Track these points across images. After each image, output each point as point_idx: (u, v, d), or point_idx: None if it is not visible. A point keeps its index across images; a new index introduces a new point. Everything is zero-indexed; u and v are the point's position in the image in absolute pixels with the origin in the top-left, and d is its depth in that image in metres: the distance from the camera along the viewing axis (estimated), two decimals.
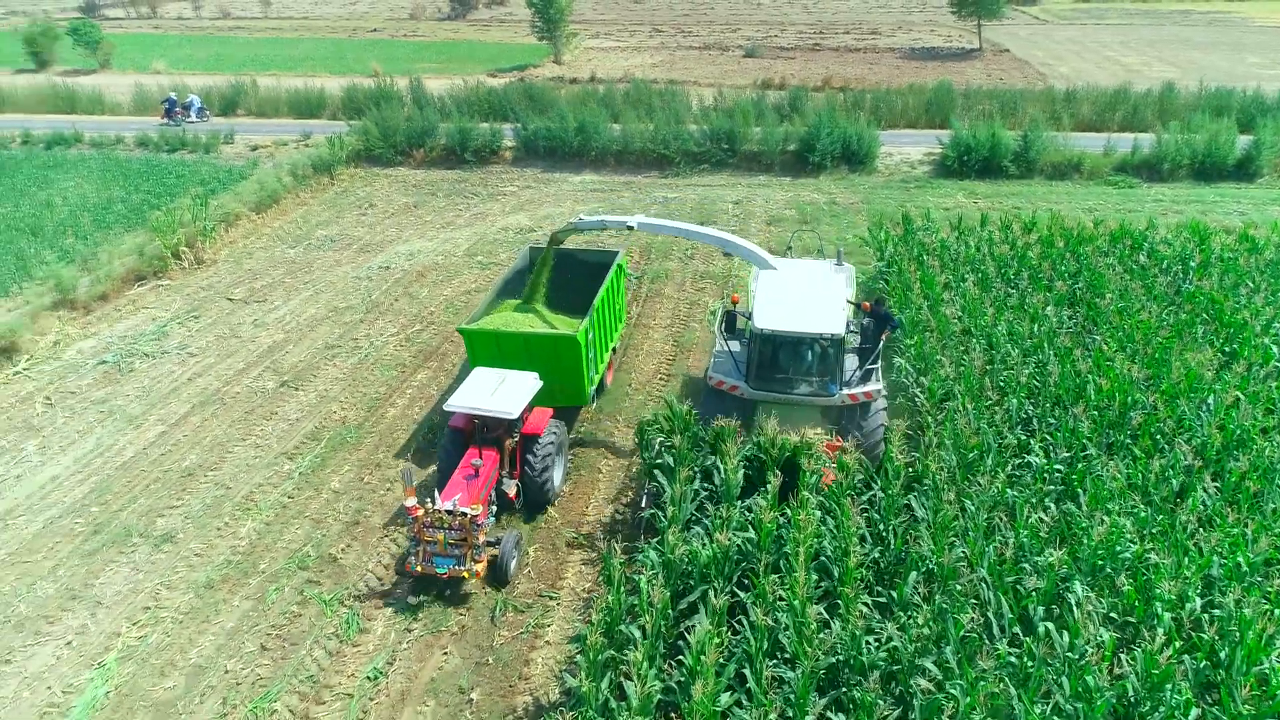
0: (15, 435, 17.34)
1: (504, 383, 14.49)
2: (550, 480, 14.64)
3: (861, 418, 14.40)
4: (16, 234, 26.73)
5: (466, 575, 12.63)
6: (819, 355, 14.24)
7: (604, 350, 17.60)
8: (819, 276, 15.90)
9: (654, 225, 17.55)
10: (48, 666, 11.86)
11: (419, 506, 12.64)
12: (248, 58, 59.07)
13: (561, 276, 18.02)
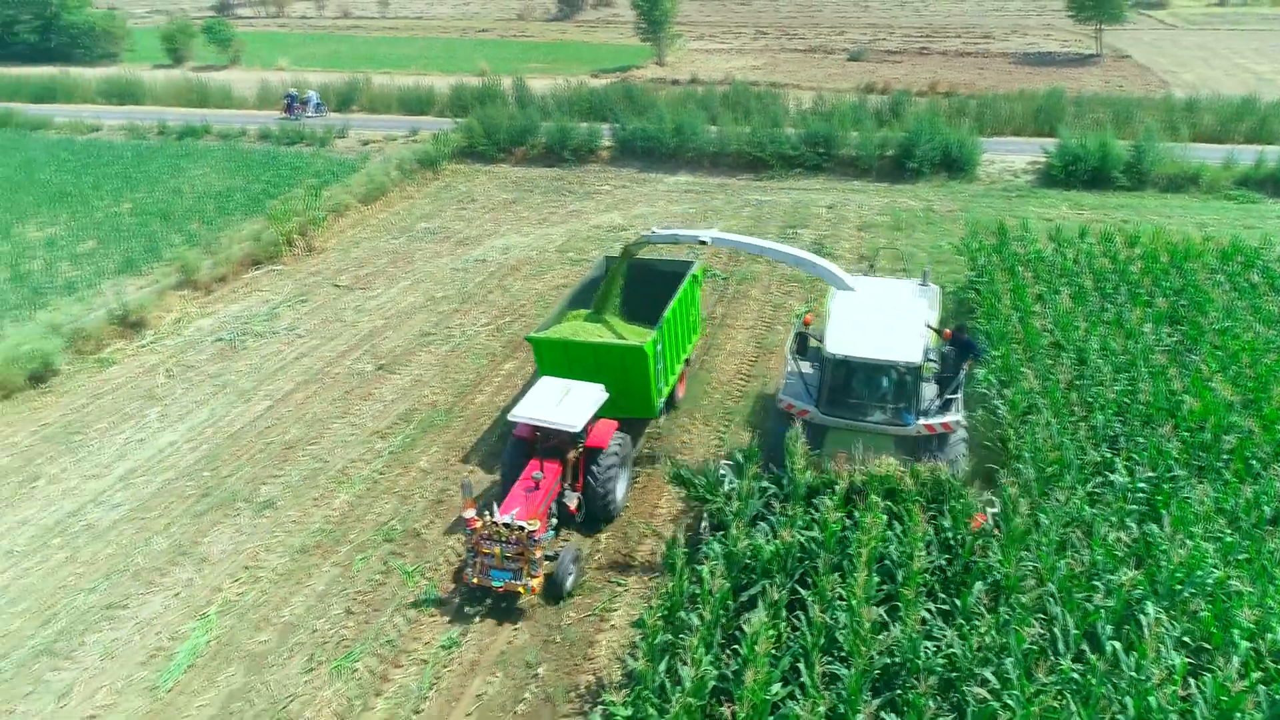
0: (139, 403, 18.83)
1: (569, 394, 14.29)
2: (613, 494, 14.37)
3: (938, 448, 13.77)
4: (149, 218, 28.82)
5: (522, 590, 12.52)
6: (894, 383, 13.63)
7: (675, 362, 17.21)
8: (899, 299, 15.14)
9: (728, 240, 16.61)
10: (157, 614, 12.94)
11: (477, 519, 12.54)
12: (364, 55, 61.66)
13: (636, 286, 17.84)
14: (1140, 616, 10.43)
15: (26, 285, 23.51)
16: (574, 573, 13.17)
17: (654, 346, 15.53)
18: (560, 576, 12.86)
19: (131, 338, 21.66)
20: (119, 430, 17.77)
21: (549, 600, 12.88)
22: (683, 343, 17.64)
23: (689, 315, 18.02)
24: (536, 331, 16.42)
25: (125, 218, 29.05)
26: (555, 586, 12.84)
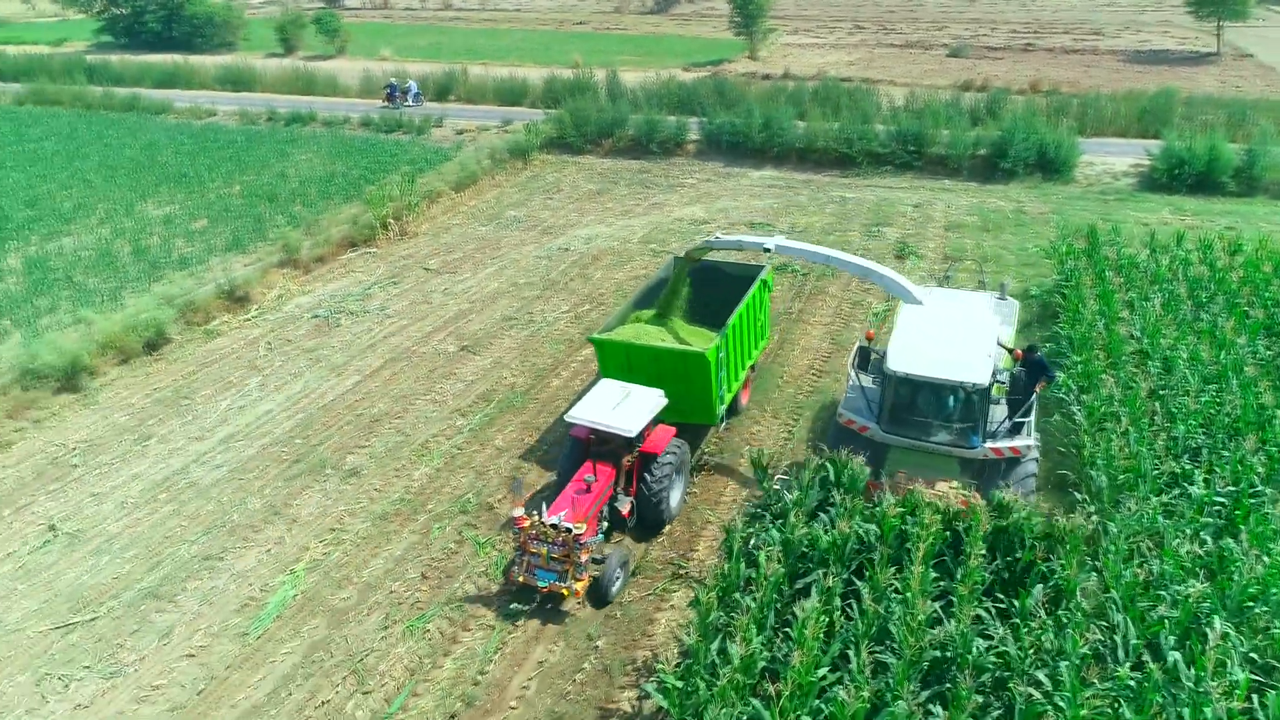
0: (242, 372, 20.07)
1: (627, 398, 14.12)
2: (666, 501, 14.14)
3: (1006, 474, 13.18)
4: (257, 199, 30.46)
5: (566, 592, 12.45)
6: (959, 404, 13.03)
7: (739, 369, 16.83)
8: (970, 314, 14.48)
9: (793, 249, 16.12)
10: (250, 568, 13.91)
11: (526, 518, 12.58)
12: (463, 47, 63.28)
13: (704, 289, 17.62)
14: (1206, 630, 10.25)
15: (145, 259, 25.22)
16: (621, 578, 13.08)
17: (717, 353, 15.19)
18: (606, 581, 12.79)
19: (237, 311, 23.04)
20: (222, 397, 19.02)
21: (594, 604, 12.82)
22: (748, 349, 17.25)
23: (756, 321, 17.57)
24: (600, 332, 16.31)
25: (235, 199, 30.77)
26: (601, 591, 12.79)
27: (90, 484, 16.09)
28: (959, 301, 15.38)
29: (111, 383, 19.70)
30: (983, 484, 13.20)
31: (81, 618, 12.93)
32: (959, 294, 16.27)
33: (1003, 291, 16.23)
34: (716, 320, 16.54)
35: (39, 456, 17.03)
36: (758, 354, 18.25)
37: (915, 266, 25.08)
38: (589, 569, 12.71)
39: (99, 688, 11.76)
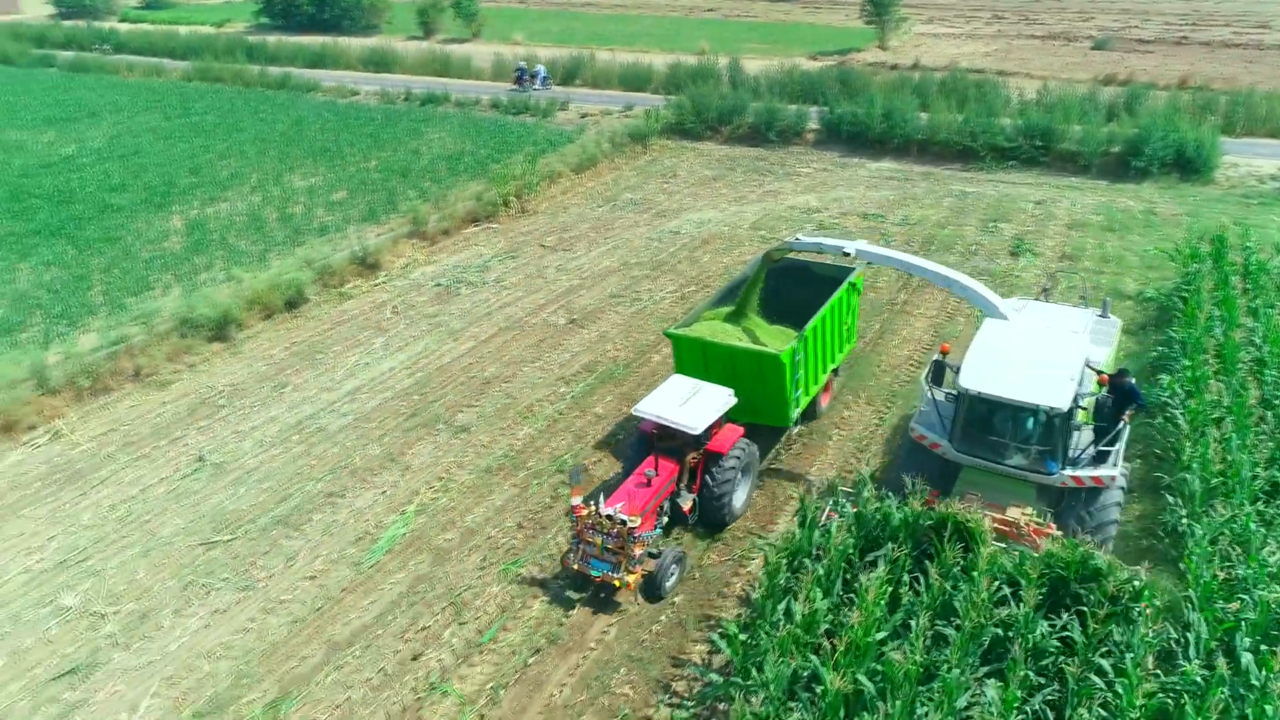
0: (369, 332, 21.72)
1: (696, 394, 14.01)
2: (728, 502, 14.05)
3: (1087, 504, 12.38)
4: (391, 174, 32.43)
5: (617, 583, 12.49)
6: (1038, 427, 12.36)
7: (819, 372, 16.44)
8: (1057, 333, 13.58)
9: (875, 254, 15.64)
10: (367, 506, 15.30)
11: (583, 506, 12.71)
12: (592, 32, 64.61)
13: (792, 288, 17.32)
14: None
15: (290, 226, 27.39)
16: (675, 574, 13.10)
17: (793, 355, 14.88)
18: (660, 576, 12.80)
19: (367, 277, 24.81)
20: (351, 353, 20.68)
21: (647, 599, 12.91)
22: (830, 352, 16.81)
23: (842, 324, 17.09)
24: (677, 326, 16.18)
25: (371, 173, 32.84)
26: (655, 585, 12.83)
27: (234, 423, 17.93)
28: (1051, 318, 14.57)
29: (255, 335, 21.70)
30: (1060, 513, 12.56)
31: (222, 537, 14.59)
32: (1054, 309, 15.37)
33: (1104, 309, 15.50)
34: (801, 320, 16.03)
35: (192, 396, 19.04)
36: (841, 358, 17.77)
37: (1030, 265, 24.62)
38: (642, 563, 12.72)
39: (234, 597, 13.32)
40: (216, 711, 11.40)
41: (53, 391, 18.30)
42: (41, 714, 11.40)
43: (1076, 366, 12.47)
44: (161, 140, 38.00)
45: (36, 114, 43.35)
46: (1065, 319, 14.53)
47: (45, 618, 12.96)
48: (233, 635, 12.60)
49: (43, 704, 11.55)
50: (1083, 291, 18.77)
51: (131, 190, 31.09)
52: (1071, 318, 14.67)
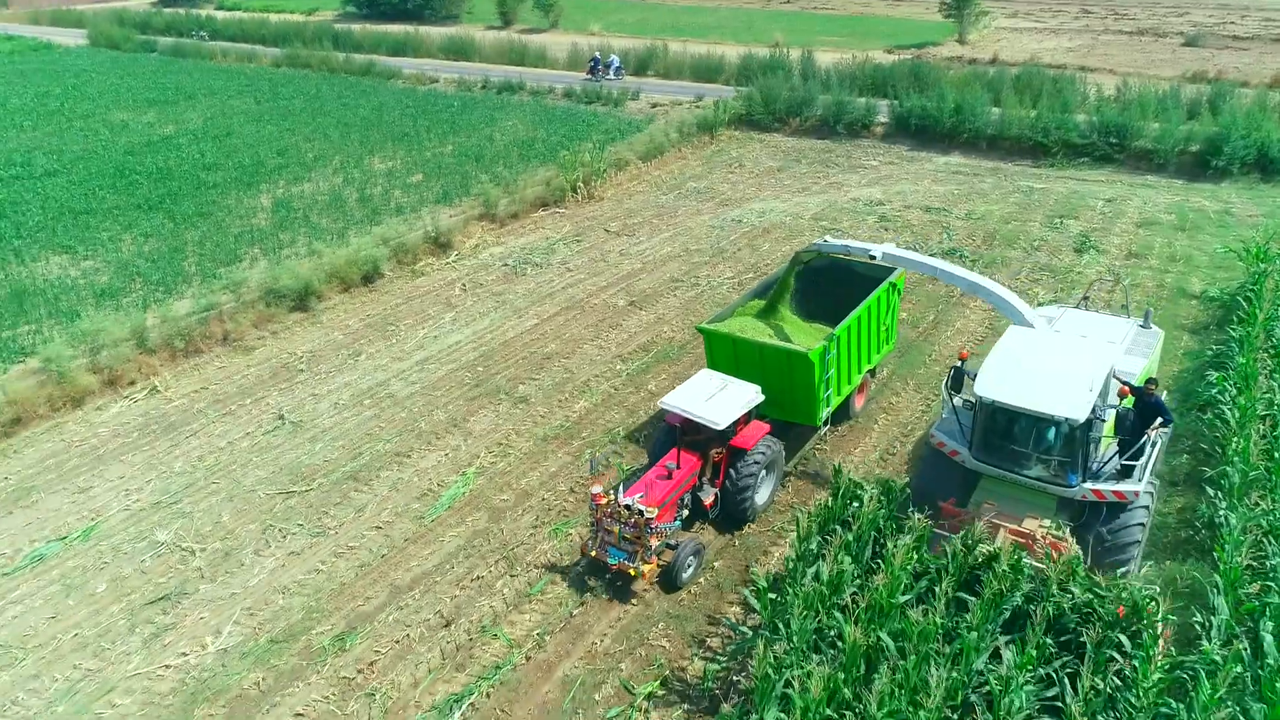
0: (439, 308, 22.85)
1: (723, 390, 14.09)
2: (750, 498, 14.13)
3: (1107, 522, 12.09)
4: (465, 159, 33.63)
5: (633, 572, 12.69)
6: (1057, 438, 12.11)
7: (853, 372, 16.42)
8: (1084, 343, 13.17)
9: (901, 258, 15.67)
10: (431, 466, 16.34)
11: (603, 495, 12.95)
12: (668, 24, 65.16)
13: (832, 287, 17.15)
14: None
15: (368, 206, 28.76)
16: (693, 566, 13.25)
17: (823, 354, 14.88)
18: (677, 567, 12.96)
19: (439, 255, 25.99)
20: (420, 327, 21.81)
21: (665, 589, 13.13)
22: (866, 352, 16.73)
23: (878, 325, 16.94)
24: (709, 321, 16.29)
25: (447, 158, 34.10)
26: (672, 576, 13.04)
27: (311, 386, 19.20)
28: (1087, 327, 14.23)
29: (333, 307, 23.02)
30: (1081, 527, 12.33)
31: (298, 488, 15.78)
32: (1092, 318, 14.91)
33: (1146, 319, 15.14)
34: (838, 319, 15.84)
35: (274, 360, 20.40)
36: (878, 359, 17.68)
37: (1093, 262, 24.48)
38: (659, 554, 12.97)
39: (307, 542, 14.46)
40: (289, 640, 12.52)
41: (150, 351, 19.83)
42: (137, 634, 12.68)
43: (1098, 377, 12.02)
44: (252, 123, 39.97)
45: (139, 96, 45.93)
46: (1102, 328, 14.23)
47: (141, 550, 14.30)
48: (305, 575, 13.73)
49: (138, 624, 12.83)
50: (1125, 301, 18.27)
51: (224, 169, 32.93)
52: (1110, 327, 14.36)
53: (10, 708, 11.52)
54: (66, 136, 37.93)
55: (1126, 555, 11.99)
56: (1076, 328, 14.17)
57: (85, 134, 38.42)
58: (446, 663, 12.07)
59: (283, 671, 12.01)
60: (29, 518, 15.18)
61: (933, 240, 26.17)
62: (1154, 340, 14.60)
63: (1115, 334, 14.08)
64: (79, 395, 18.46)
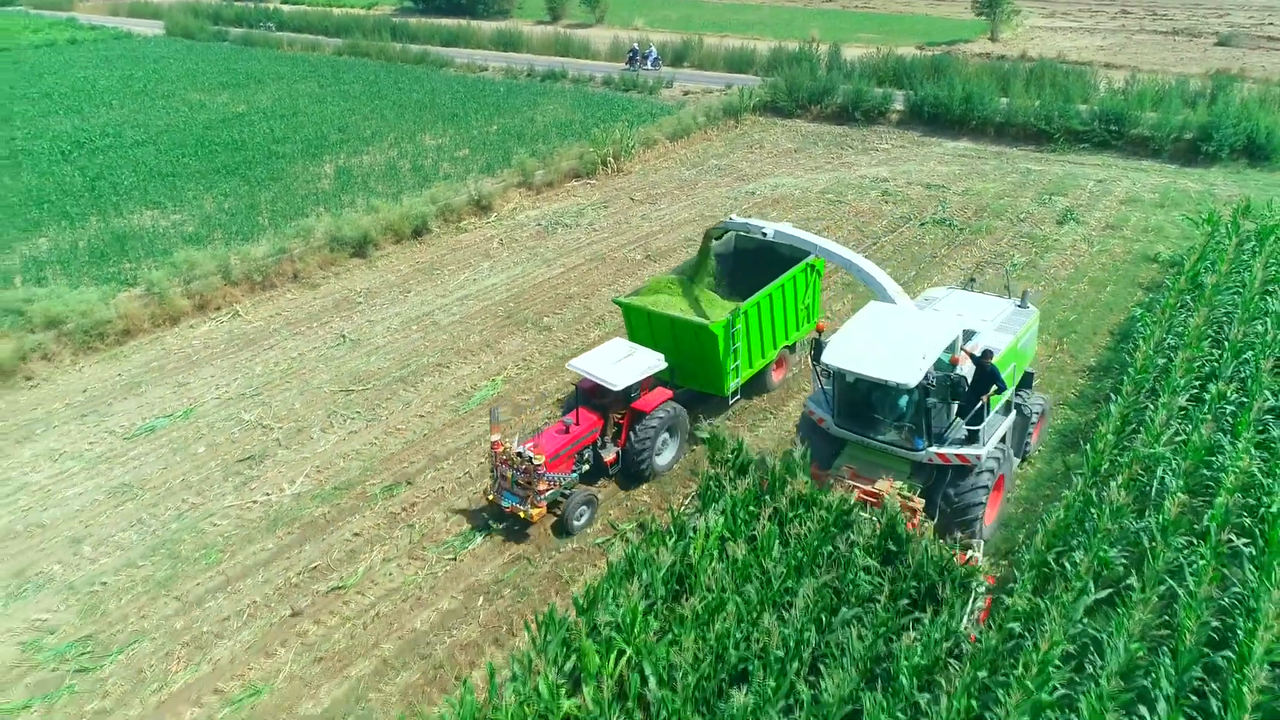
0: (478, 257, 26.03)
1: (629, 356, 15.06)
2: (649, 458, 15.17)
3: (953, 483, 12.85)
4: (509, 137, 36.82)
5: (523, 515, 13.85)
6: (896, 404, 12.92)
7: (766, 348, 17.39)
8: (934, 317, 14.05)
9: (790, 235, 16.42)
10: (465, 374, 19.45)
11: (501, 443, 14.11)
12: (709, 20, 67.80)
13: (758, 268, 17.90)
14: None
15: (419, 174, 32.08)
16: (586, 515, 14.44)
17: (726, 327, 15.75)
18: (568, 515, 14.15)
19: (480, 216, 29.21)
20: (462, 272, 25.01)
21: (556, 534, 14.39)
22: (782, 329, 17.62)
23: (795, 304, 17.77)
24: (628, 296, 17.21)
25: (491, 136, 37.33)
26: (563, 522, 14.25)
27: (368, 314, 22.48)
28: (962, 305, 15.20)
29: (387, 255, 26.34)
30: (931, 489, 13.10)
31: (356, 387, 19.00)
32: (973, 298, 15.90)
33: (1024, 300, 15.79)
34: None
35: (336, 295, 23.74)
36: (797, 336, 18.40)
37: (1072, 231, 26.78)
38: (550, 499, 14.12)
39: (363, 425, 17.66)
40: (348, 488, 15.70)
41: (233, 283, 23.29)
42: (229, 481, 15.97)
43: (935, 347, 12.63)
44: (316, 103, 43.70)
45: (213, 80, 50.03)
46: (979, 307, 15.25)
47: (231, 426, 17.64)
48: (361, 446, 16.92)
49: (230, 475, 16.13)
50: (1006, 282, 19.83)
51: (291, 142, 36.56)
52: (986, 306, 15.37)
53: (138, 525, 14.86)
54: (150, 113, 42.00)
55: (970, 516, 12.75)
56: (954, 306, 15.22)
57: (167, 111, 42.48)
58: (471, 506, 15.12)
59: (343, 508, 15.20)
60: (140, 402, 18.64)
61: (927, 211, 28.68)
62: (1026, 319, 15.18)
63: (989, 312, 15.06)
64: (175, 315, 22.00)
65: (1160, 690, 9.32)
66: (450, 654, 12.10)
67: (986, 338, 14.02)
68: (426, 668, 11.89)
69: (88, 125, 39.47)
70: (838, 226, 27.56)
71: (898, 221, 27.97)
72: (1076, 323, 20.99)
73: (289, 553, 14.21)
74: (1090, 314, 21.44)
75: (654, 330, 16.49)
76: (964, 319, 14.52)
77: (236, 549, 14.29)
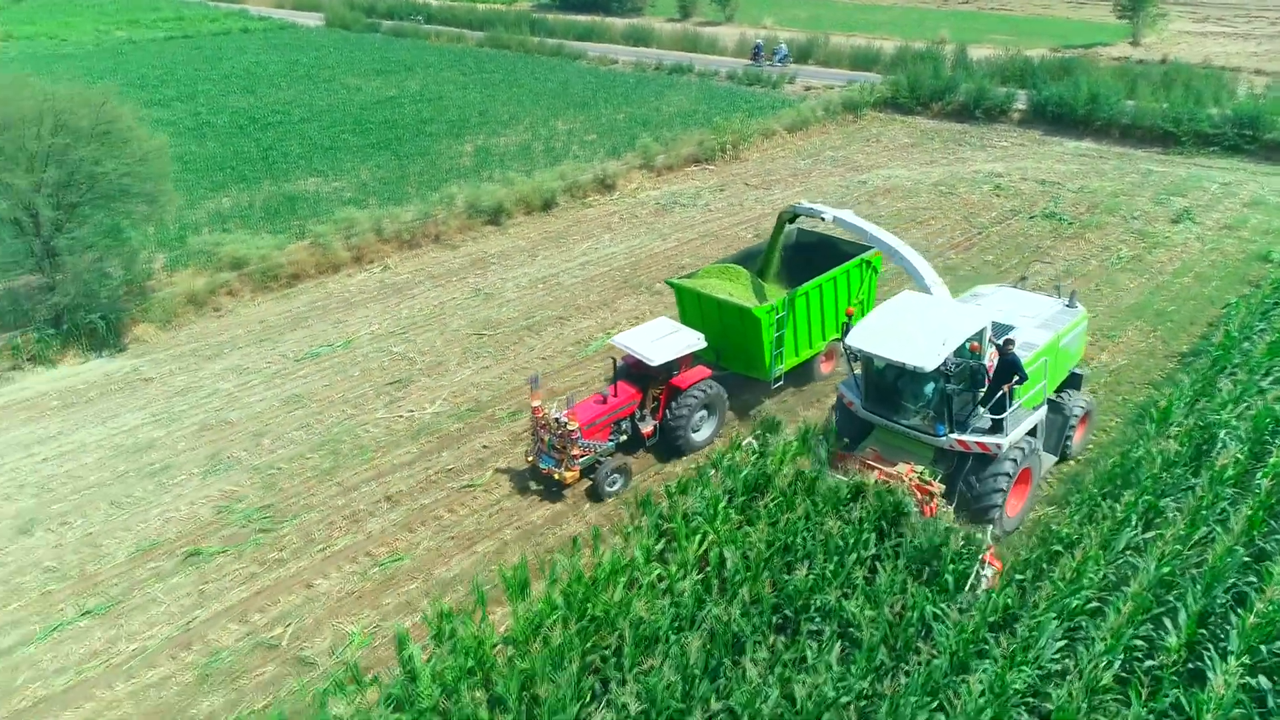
0: (600, 230, 28.26)
1: (671, 334, 15.61)
2: (684, 433, 15.73)
3: (975, 472, 12.99)
4: (634, 124, 39.02)
5: (556, 476, 14.63)
6: (919, 389, 13.12)
7: (814, 337, 17.68)
8: (966, 307, 14.14)
9: (847, 222, 16.81)
10: (584, 326, 21.56)
11: (540, 409, 14.91)
12: (838, 20, 68.35)
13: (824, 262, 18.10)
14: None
15: (551, 155, 34.62)
16: (618, 482, 15.09)
17: (772, 313, 16.09)
18: (599, 481, 14.81)
19: (604, 193, 31.47)
20: (585, 242, 27.28)
21: (591, 499, 15.13)
22: (833, 322, 17.75)
23: (847, 297, 17.96)
24: (681, 277, 17.74)
25: (619, 123, 39.62)
26: (596, 488, 14.95)
27: (499, 273, 25.00)
28: (1008, 302, 15.39)
29: (518, 224, 28.89)
30: (953, 475, 13.27)
31: (488, 332, 21.45)
32: (1020, 295, 16.07)
33: (1071, 300, 15.82)
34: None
35: (473, 255, 26.41)
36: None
37: (1186, 230, 26.83)
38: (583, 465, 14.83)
39: (493, 363, 20.05)
40: (479, 411, 18.07)
41: (385, 240, 26.25)
42: (380, 399, 18.61)
43: (958, 334, 12.67)
44: (459, 90, 47.08)
45: (367, 67, 54.32)
46: (1025, 305, 15.41)
47: (381, 356, 20.35)
48: (490, 379, 19.28)
49: (381, 394, 18.76)
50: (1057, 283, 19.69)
51: (436, 123, 39.82)
52: (1030, 304, 15.52)
53: (306, 427, 17.64)
54: (313, 94, 46.26)
55: (989, 503, 12.87)
56: (999, 302, 15.45)
57: (328, 93, 46.67)
58: None
59: (474, 425, 17.56)
60: (306, 333, 21.63)
61: (1038, 205, 29.16)
62: (1071, 318, 15.22)
63: (1032, 309, 15.23)
64: (336, 264, 25.09)
65: (1185, 605, 10.41)
66: (560, 541, 14.15)
67: (1024, 333, 14.21)
68: (540, 550, 13.97)
69: (260, 104, 43.92)
70: (945, 216, 28.45)
71: (1006, 214, 28.59)
72: (1174, 313, 21.43)
73: (428, 457, 16.63)
74: (1190, 305, 21.80)
75: (703, 311, 16.98)
76: (1003, 314, 14.72)
77: (386, 451, 16.82)
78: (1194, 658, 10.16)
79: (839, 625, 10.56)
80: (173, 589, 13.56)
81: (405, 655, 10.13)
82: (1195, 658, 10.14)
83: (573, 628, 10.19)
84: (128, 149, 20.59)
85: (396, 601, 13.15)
